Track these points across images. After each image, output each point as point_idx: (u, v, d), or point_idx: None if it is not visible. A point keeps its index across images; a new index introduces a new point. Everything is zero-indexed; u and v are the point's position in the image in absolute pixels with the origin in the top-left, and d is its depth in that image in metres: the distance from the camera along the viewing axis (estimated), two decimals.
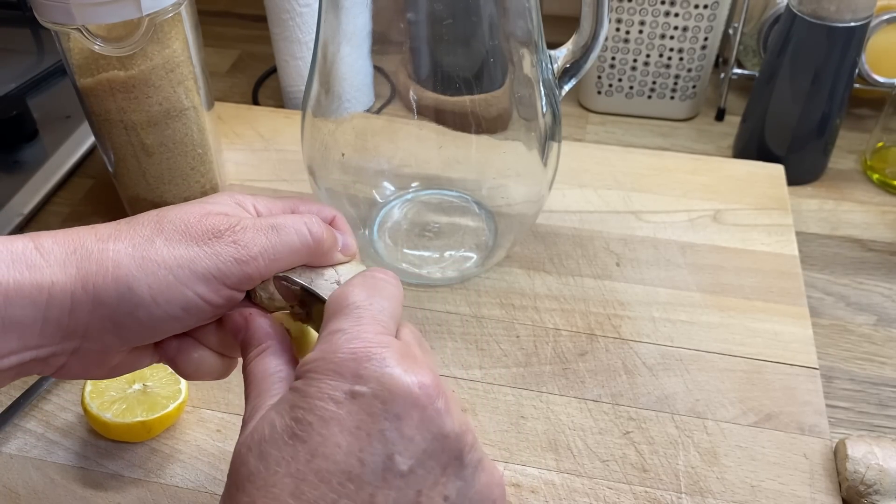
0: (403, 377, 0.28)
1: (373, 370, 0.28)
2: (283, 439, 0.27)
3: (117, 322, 0.31)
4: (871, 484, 0.43)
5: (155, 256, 0.31)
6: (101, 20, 0.50)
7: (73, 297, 0.30)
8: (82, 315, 0.31)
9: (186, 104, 0.57)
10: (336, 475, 0.26)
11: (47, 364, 0.32)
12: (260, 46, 0.90)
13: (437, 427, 0.28)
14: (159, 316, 0.31)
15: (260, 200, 0.36)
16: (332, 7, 0.48)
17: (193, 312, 0.32)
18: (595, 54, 0.51)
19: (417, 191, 0.61)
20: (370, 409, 0.27)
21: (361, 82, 0.52)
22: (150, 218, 0.33)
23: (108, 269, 0.31)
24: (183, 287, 0.31)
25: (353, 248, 0.37)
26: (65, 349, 0.32)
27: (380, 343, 0.29)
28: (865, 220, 0.65)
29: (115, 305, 0.31)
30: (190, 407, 0.49)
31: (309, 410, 0.27)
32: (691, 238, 0.61)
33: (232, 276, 0.32)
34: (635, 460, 0.46)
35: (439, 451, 0.28)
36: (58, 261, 0.30)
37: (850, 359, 0.54)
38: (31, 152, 0.70)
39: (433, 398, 0.28)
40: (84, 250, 0.31)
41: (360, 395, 0.27)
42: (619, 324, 0.54)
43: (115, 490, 0.45)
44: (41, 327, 0.30)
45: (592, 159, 0.68)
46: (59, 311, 0.30)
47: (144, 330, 0.32)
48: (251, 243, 0.32)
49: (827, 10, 0.60)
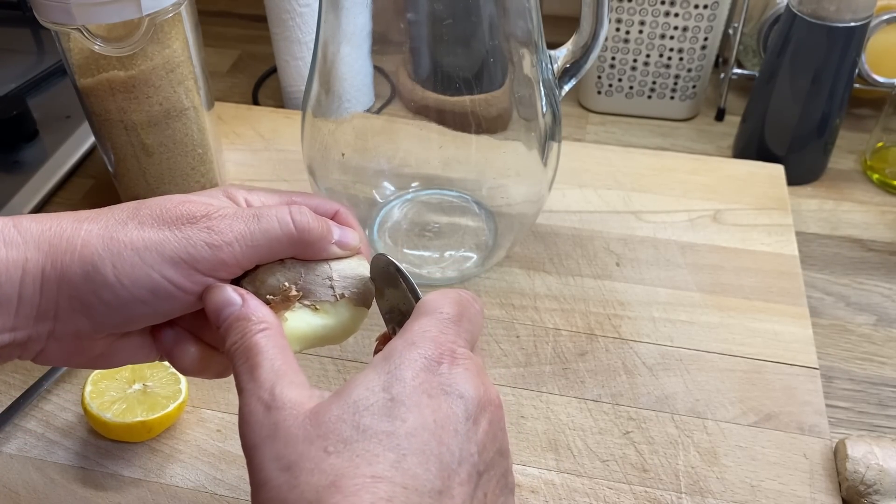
0: (482, 388, 0.30)
1: (457, 374, 0.29)
2: (381, 414, 0.28)
3: (84, 302, 0.31)
4: (871, 484, 0.43)
5: (123, 237, 0.31)
6: (101, 20, 0.50)
7: (43, 274, 0.31)
8: (50, 293, 0.31)
9: (186, 104, 0.57)
10: (431, 458, 0.27)
11: (26, 349, 0.32)
12: (260, 46, 0.90)
13: (499, 442, 0.30)
14: (125, 298, 0.31)
15: (254, 194, 0.35)
16: (332, 7, 0.48)
17: (163, 296, 0.32)
18: (595, 54, 0.51)
19: (417, 191, 0.61)
20: (455, 408, 0.29)
21: (361, 82, 0.52)
22: (131, 204, 0.33)
23: (76, 248, 0.31)
24: (149, 269, 0.31)
25: (353, 242, 0.36)
26: (40, 332, 0.32)
27: (461, 355, 0.30)
28: (865, 220, 0.65)
29: (80, 284, 0.31)
30: (190, 407, 0.49)
31: (406, 394, 0.28)
32: (691, 238, 0.61)
33: (203, 260, 0.31)
34: (635, 460, 0.46)
35: (497, 464, 0.30)
36: (33, 238, 0.31)
37: (850, 359, 0.54)
38: (31, 152, 0.70)
39: (499, 414, 0.30)
40: (58, 228, 0.31)
41: (449, 393, 0.29)
42: (619, 324, 0.54)
43: (115, 490, 0.45)
44: (17, 306, 0.31)
45: (592, 159, 0.68)
46: (32, 289, 0.31)
47: (112, 312, 0.32)
48: (226, 229, 0.32)
49: (827, 10, 0.60)
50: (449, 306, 0.32)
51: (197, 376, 0.37)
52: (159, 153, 0.58)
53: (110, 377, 0.48)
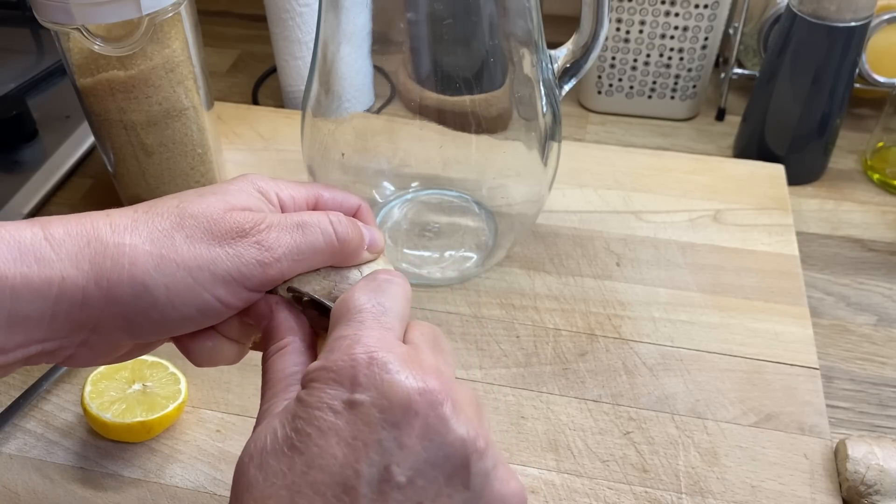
0: (404, 383, 0.27)
1: (372, 377, 0.27)
2: (282, 450, 0.27)
3: (129, 320, 0.30)
4: (871, 484, 0.43)
5: (174, 256, 0.30)
6: (100, 20, 0.50)
7: (84, 293, 0.29)
8: (93, 311, 0.30)
9: (186, 104, 0.57)
10: (331, 487, 0.26)
11: (54, 355, 0.31)
12: (260, 46, 0.90)
13: (440, 435, 0.27)
14: (173, 317, 0.31)
15: (283, 187, 0.35)
16: (332, 7, 0.48)
17: (209, 315, 0.31)
18: (595, 54, 0.51)
19: (417, 191, 0.61)
20: (368, 418, 0.26)
21: (361, 82, 0.52)
22: (170, 208, 0.31)
23: (125, 267, 0.29)
24: (201, 289, 0.30)
25: (380, 244, 0.36)
26: (73, 342, 0.31)
27: (381, 347, 0.28)
28: (866, 220, 0.65)
29: (129, 304, 0.30)
30: (190, 407, 0.49)
31: (308, 421, 0.27)
32: (691, 238, 0.61)
33: (253, 278, 0.31)
34: (635, 460, 0.46)
35: (442, 460, 0.27)
36: (69, 254, 0.29)
37: (851, 359, 0.54)
38: (31, 152, 0.70)
39: (436, 404, 0.27)
40: (98, 243, 0.30)
41: (359, 404, 0.26)
42: (620, 324, 0.54)
43: (115, 490, 0.45)
44: (49, 322, 0.29)
45: (592, 159, 0.68)
46: (69, 306, 0.29)
47: (156, 328, 0.31)
48: (275, 244, 0.31)
49: (827, 10, 0.60)
50: (363, 298, 0.30)
51: (208, 366, 0.36)
52: (159, 153, 0.58)
53: (110, 377, 0.48)
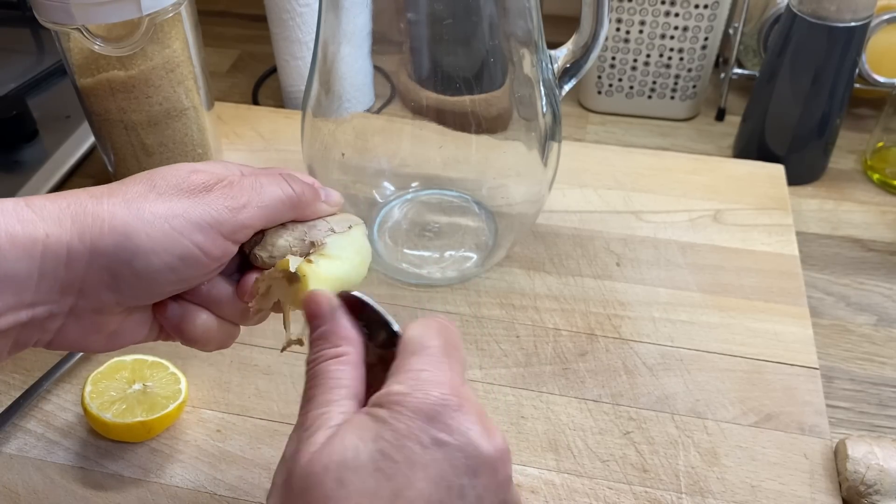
0: (484, 437, 0.28)
1: (460, 422, 0.28)
2: (367, 470, 0.27)
3: (115, 273, 0.31)
4: (871, 484, 0.43)
5: (150, 207, 0.32)
6: (101, 20, 0.50)
7: (69, 248, 0.30)
8: (79, 267, 0.31)
9: (186, 104, 0.57)
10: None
11: (44, 329, 0.32)
12: (260, 46, 0.90)
13: (503, 494, 0.29)
14: (157, 266, 0.32)
15: (245, 168, 0.37)
16: (332, 7, 0.48)
17: (191, 263, 0.33)
18: (595, 54, 0.51)
19: (417, 191, 0.61)
20: (454, 461, 0.28)
21: (361, 82, 0.52)
22: (142, 177, 0.34)
23: (105, 221, 0.31)
24: (179, 235, 0.32)
25: (338, 198, 0.38)
26: (61, 308, 0.32)
27: (464, 397, 0.29)
28: (865, 220, 0.65)
29: (113, 254, 0.31)
30: (190, 407, 0.49)
31: (396, 448, 0.27)
32: (691, 238, 0.61)
33: (226, 223, 0.33)
34: (635, 460, 0.46)
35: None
36: (51, 215, 0.31)
37: (851, 359, 0.54)
38: (31, 152, 0.70)
39: (506, 464, 0.29)
40: (78, 205, 0.31)
41: (446, 445, 0.28)
42: (620, 324, 0.54)
43: (115, 490, 0.45)
44: (37, 282, 0.30)
45: (592, 159, 0.68)
46: (55, 263, 0.30)
47: (141, 283, 0.32)
48: (239, 194, 0.34)
49: (827, 10, 0.60)
50: (435, 338, 0.31)
51: (201, 347, 0.37)
52: (159, 153, 0.58)
53: (110, 377, 0.48)
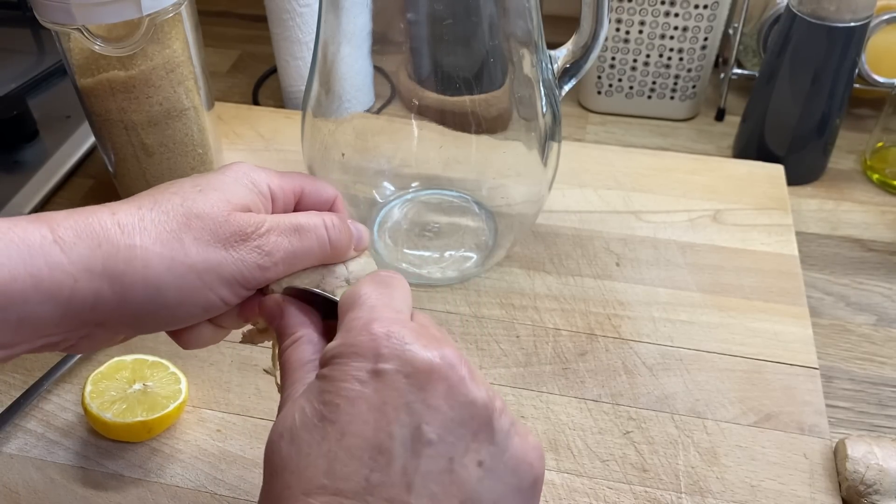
0: (423, 351, 0.28)
1: (393, 347, 0.28)
2: (312, 423, 0.28)
3: (139, 318, 0.32)
4: (871, 484, 0.43)
5: (184, 258, 0.31)
6: (101, 20, 0.50)
7: (96, 295, 0.30)
8: (105, 311, 0.31)
9: (186, 104, 0.57)
10: (367, 450, 0.27)
11: (56, 346, 0.32)
12: (260, 46, 0.90)
13: (463, 395, 0.28)
14: (180, 315, 0.33)
15: (272, 177, 0.36)
16: (332, 7, 0.48)
17: (210, 311, 0.33)
18: (595, 54, 0.51)
19: (417, 191, 0.61)
20: (394, 384, 0.28)
21: (361, 82, 0.52)
22: (175, 207, 0.32)
23: (138, 270, 0.31)
24: (207, 290, 0.32)
25: (366, 242, 0.38)
26: (77, 335, 0.32)
27: (397, 322, 0.29)
28: (865, 220, 0.65)
29: (141, 305, 0.31)
30: (190, 407, 0.49)
31: (336, 393, 0.28)
32: (691, 238, 0.61)
33: (253, 280, 0.33)
34: (635, 460, 0.46)
35: (468, 417, 0.28)
36: (81, 257, 0.30)
37: (850, 359, 0.54)
38: (31, 152, 0.70)
39: (456, 367, 0.28)
40: (109, 245, 0.30)
41: (384, 373, 0.28)
42: (619, 324, 0.54)
43: (115, 490, 0.45)
44: (59, 321, 0.30)
45: (592, 159, 0.68)
46: (81, 308, 0.30)
47: (161, 325, 0.33)
48: (274, 249, 0.33)
49: (827, 10, 0.60)
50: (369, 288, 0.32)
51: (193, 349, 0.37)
52: (159, 153, 0.58)
53: (110, 377, 0.48)
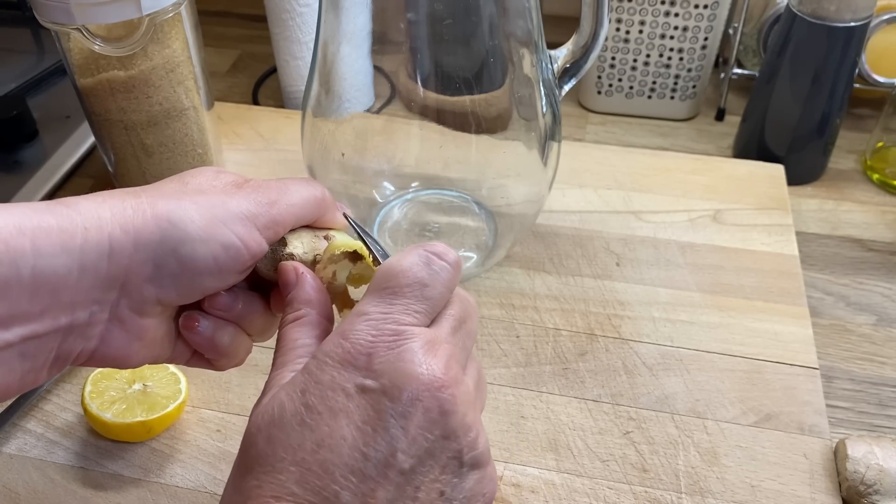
0: (415, 372, 0.28)
1: (386, 364, 0.28)
2: (291, 425, 0.27)
3: (159, 264, 0.30)
4: (871, 484, 0.43)
5: (190, 197, 0.31)
6: (101, 20, 0.50)
7: (111, 239, 0.29)
8: (123, 258, 0.30)
9: (186, 104, 0.57)
10: (340, 468, 0.27)
11: (86, 336, 0.31)
12: (260, 46, 0.90)
13: (440, 428, 0.28)
14: (202, 254, 0.31)
15: None
16: (332, 7, 0.48)
17: (232, 254, 0.32)
18: (595, 54, 0.51)
19: (417, 191, 0.61)
20: (378, 405, 0.27)
21: (361, 82, 0.52)
22: (170, 178, 0.33)
23: (146, 210, 0.30)
24: (223, 224, 0.31)
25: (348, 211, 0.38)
26: (102, 309, 0.31)
27: (402, 335, 0.28)
28: (865, 220, 0.65)
29: (159, 243, 0.30)
30: (190, 407, 0.49)
31: (320, 399, 0.28)
32: (691, 238, 0.61)
33: (262, 216, 0.32)
34: (635, 460, 0.46)
35: (440, 450, 0.28)
36: (87, 209, 0.30)
37: (850, 359, 0.54)
38: (31, 152, 0.70)
39: (440, 397, 0.28)
40: (114, 199, 0.31)
41: (370, 391, 0.27)
42: (619, 324, 0.54)
43: (115, 490, 0.45)
44: (77, 278, 0.29)
45: (592, 159, 0.68)
46: (97, 256, 0.29)
47: (185, 274, 0.31)
48: (268, 192, 0.33)
49: (827, 10, 0.60)
50: (402, 274, 0.30)
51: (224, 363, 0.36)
52: (159, 153, 0.58)
53: (110, 377, 0.48)
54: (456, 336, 0.31)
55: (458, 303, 0.32)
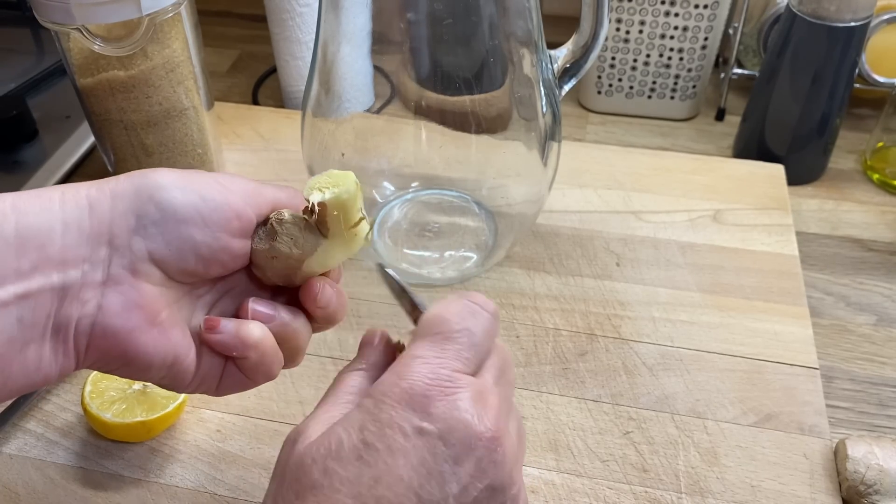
0: (471, 423, 0.28)
1: (443, 410, 0.28)
2: (349, 459, 0.28)
3: (140, 213, 0.31)
4: (871, 484, 0.43)
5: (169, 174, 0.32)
6: (101, 20, 0.50)
7: (88, 197, 0.31)
8: (103, 211, 0.30)
9: (186, 104, 0.57)
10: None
11: (82, 300, 0.30)
12: (260, 46, 0.90)
13: (489, 480, 0.29)
14: (180, 200, 0.31)
15: None
16: (332, 7, 0.48)
17: (213, 207, 0.31)
18: (595, 54, 0.51)
19: (417, 191, 0.61)
20: (434, 448, 0.28)
21: (361, 82, 0.52)
22: None
23: (119, 178, 0.32)
24: (199, 176, 0.32)
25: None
26: (95, 267, 0.30)
27: (455, 383, 0.29)
28: (865, 220, 0.65)
29: (134, 193, 0.31)
30: (190, 407, 0.49)
31: (379, 437, 0.28)
32: (691, 238, 0.61)
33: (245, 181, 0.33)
34: (635, 460, 0.46)
35: (485, 501, 0.29)
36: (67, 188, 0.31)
37: (850, 359, 0.54)
38: (31, 152, 0.70)
39: (492, 449, 0.29)
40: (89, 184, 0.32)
41: (427, 433, 0.28)
42: (619, 324, 0.54)
43: (115, 490, 0.45)
44: (62, 233, 0.30)
45: (592, 159, 0.68)
46: (78, 212, 0.30)
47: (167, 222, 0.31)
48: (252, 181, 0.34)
49: (827, 10, 0.60)
50: (450, 322, 0.31)
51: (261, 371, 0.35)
52: (159, 153, 0.58)
53: (110, 377, 0.48)
54: (499, 387, 0.31)
55: (498, 353, 0.33)
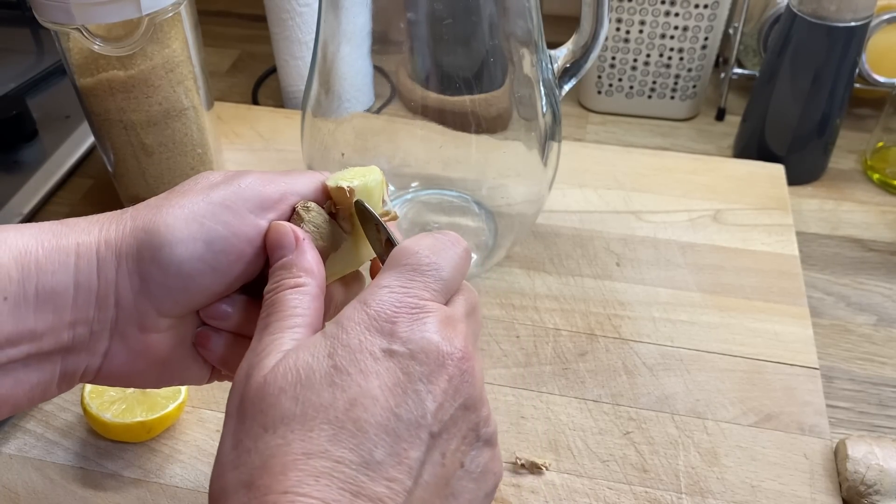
0: (439, 342, 0.28)
1: (411, 332, 0.28)
2: (321, 385, 0.27)
3: (144, 275, 0.31)
4: (871, 484, 0.43)
5: (169, 204, 0.32)
6: (100, 20, 0.50)
7: (98, 255, 0.31)
8: (109, 273, 0.31)
9: (186, 104, 0.57)
10: (373, 426, 0.27)
11: (91, 351, 0.31)
12: (260, 46, 0.90)
13: (463, 398, 0.29)
14: (183, 256, 0.31)
15: None
16: (332, 7, 0.48)
17: (220, 248, 0.31)
18: (595, 54, 0.51)
19: (417, 191, 0.61)
20: (407, 368, 0.28)
21: (361, 82, 0.52)
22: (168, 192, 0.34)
23: (126, 223, 0.31)
24: (202, 218, 0.31)
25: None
26: (102, 325, 0.31)
27: (422, 308, 0.29)
28: (865, 220, 0.65)
29: (137, 254, 0.31)
30: (190, 407, 0.49)
31: (349, 361, 0.28)
32: (691, 238, 0.61)
33: (252, 198, 0.32)
34: (635, 460, 0.46)
35: (461, 419, 0.29)
36: (80, 227, 0.31)
37: (851, 359, 0.54)
38: (31, 152, 0.70)
39: (463, 369, 0.29)
40: (105, 218, 0.32)
41: (398, 354, 0.28)
42: (619, 324, 0.54)
43: (115, 490, 0.45)
44: (73, 295, 0.30)
45: (592, 159, 0.68)
46: (88, 273, 0.31)
47: (171, 280, 0.31)
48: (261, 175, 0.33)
49: (827, 10, 0.60)
50: (419, 254, 0.31)
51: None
52: (159, 153, 0.58)
53: None
54: (468, 320, 0.31)
55: (467, 292, 0.32)
